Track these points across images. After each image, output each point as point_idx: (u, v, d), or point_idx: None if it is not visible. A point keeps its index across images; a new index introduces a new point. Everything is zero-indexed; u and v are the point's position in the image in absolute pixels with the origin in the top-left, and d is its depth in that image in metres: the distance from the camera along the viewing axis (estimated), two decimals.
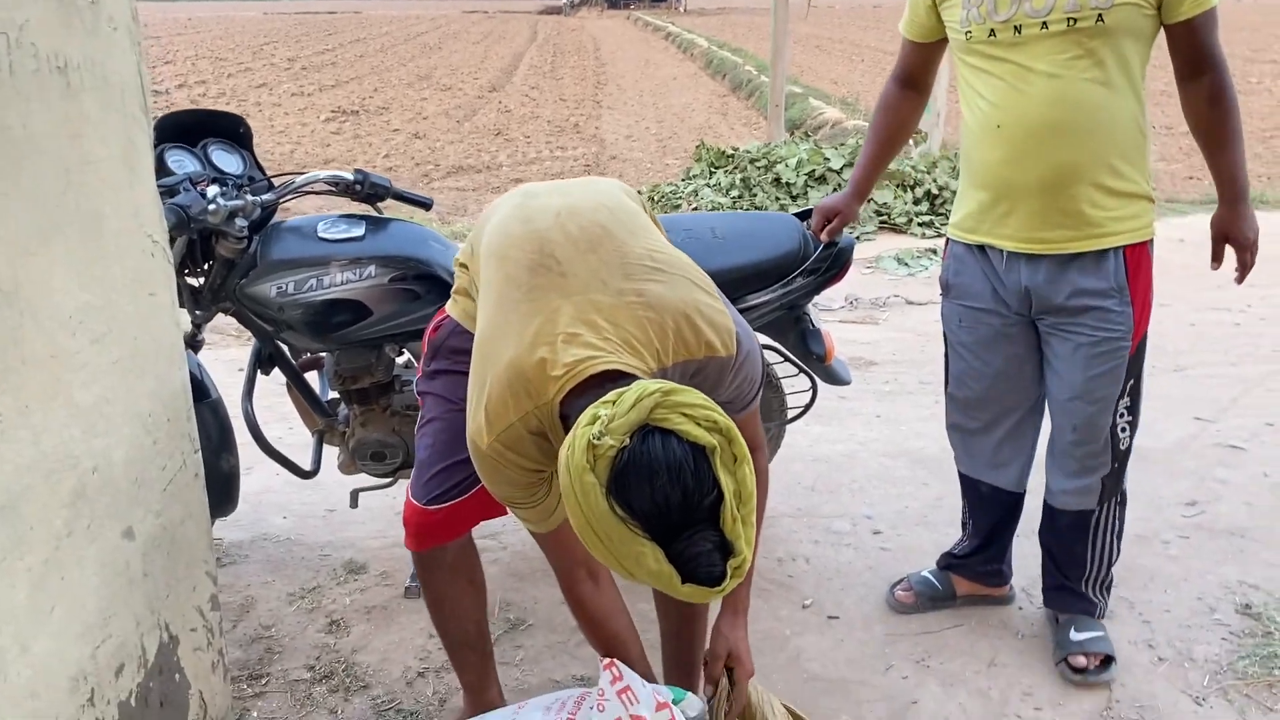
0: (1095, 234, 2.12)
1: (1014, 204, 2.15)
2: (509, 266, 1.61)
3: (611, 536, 1.29)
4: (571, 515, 1.34)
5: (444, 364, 1.89)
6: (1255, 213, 2.23)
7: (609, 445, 1.27)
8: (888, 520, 3.14)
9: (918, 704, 2.30)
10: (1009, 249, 2.20)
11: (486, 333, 1.59)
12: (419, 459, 1.92)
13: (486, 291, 1.64)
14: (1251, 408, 4.00)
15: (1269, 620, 2.54)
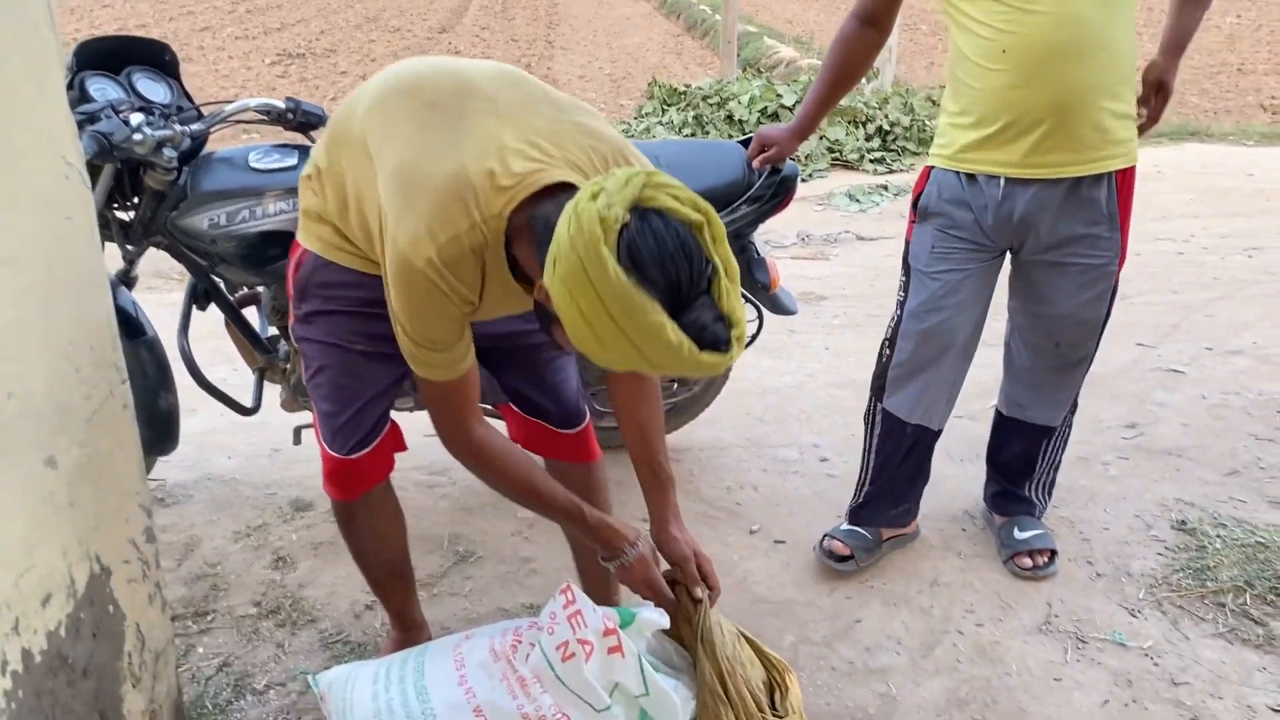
0: (1095, 157, 2.13)
1: (1021, 130, 2.12)
2: (427, 95, 1.51)
3: (629, 311, 1.24)
4: (582, 299, 1.26)
5: (316, 304, 1.75)
6: (1201, 146, 2.29)
7: (616, 218, 1.24)
8: (835, 448, 3.17)
9: (861, 622, 2.33)
10: (1010, 175, 2.17)
11: (408, 158, 1.47)
12: (322, 411, 1.83)
13: (394, 128, 1.51)
14: (1191, 333, 4.07)
15: (1203, 535, 2.60)
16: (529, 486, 1.70)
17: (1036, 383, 2.44)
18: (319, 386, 1.81)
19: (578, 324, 1.29)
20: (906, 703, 2.08)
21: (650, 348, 1.26)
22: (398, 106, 1.53)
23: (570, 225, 1.26)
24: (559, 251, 1.27)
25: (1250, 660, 2.18)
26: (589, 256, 1.24)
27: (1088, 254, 2.22)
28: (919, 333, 2.37)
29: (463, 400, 1.62)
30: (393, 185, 1.47)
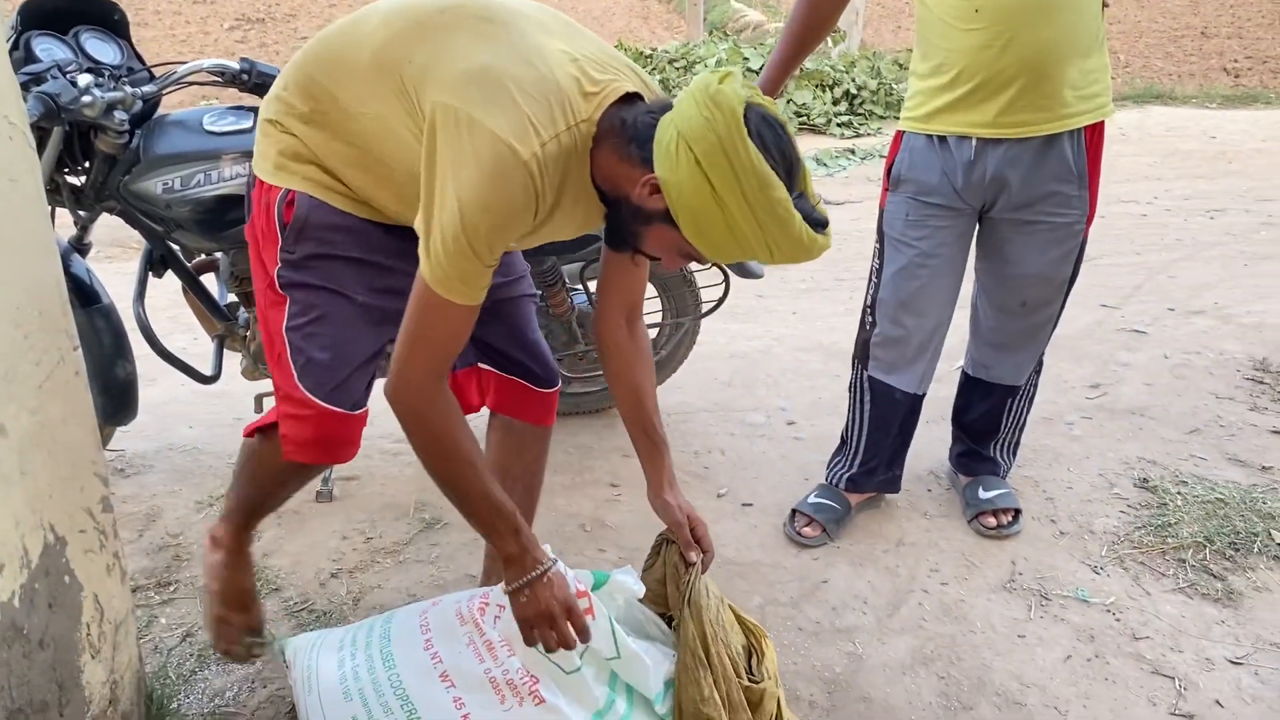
0: (1066, 114, 2.13)
1: (993, 89, 2.11)
2: (472, 10, 1.48)
3: (765, 187, 1.32)
4: (718, 177, 1.32)
5: (315, 247, 1.61)
6: (1164, 109, 2.28)
7: (745, 103, 1.33)
8: (801, 411, 3.18)
9: (828, 583, 2.35)
10: (982, 135, 2.17)
11: (484, 61, 1.41)
12: (320, 360, 1.64)
13: (448, 43, 1.45)
14: (1154, 294, 4.11)
15: (1164, 493, 2.64)
16: (471, 464, 1.53)
17: (1002, 343, 2.45)
18: (316, 336, 1.63)
19: (708, 206, 1.35)
20: (872, 661, 2.10)
21: (773, 226, 1.34)
22: (444, 23, 1.47)
23: (704, 109, 1.32)
24: (692, 134, 1.32)
25: (1209, 614, 2.21)
26: (729, 136, 1.31)
27: (1056, 212, 2.22)
28: (898, 301, 2.37)
29: (453, 336, 1.49)
30: (475, 84, 1.39)
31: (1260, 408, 3.11)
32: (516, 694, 1.63)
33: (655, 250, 1.50)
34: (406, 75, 1.46)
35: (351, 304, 1.65)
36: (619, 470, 2.81)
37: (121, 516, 2.55)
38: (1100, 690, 2.01)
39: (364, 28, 1.53)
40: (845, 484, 2.57)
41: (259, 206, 1.64)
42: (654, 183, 1.39)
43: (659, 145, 1.38)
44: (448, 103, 1.38)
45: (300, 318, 1.63)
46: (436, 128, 1.39)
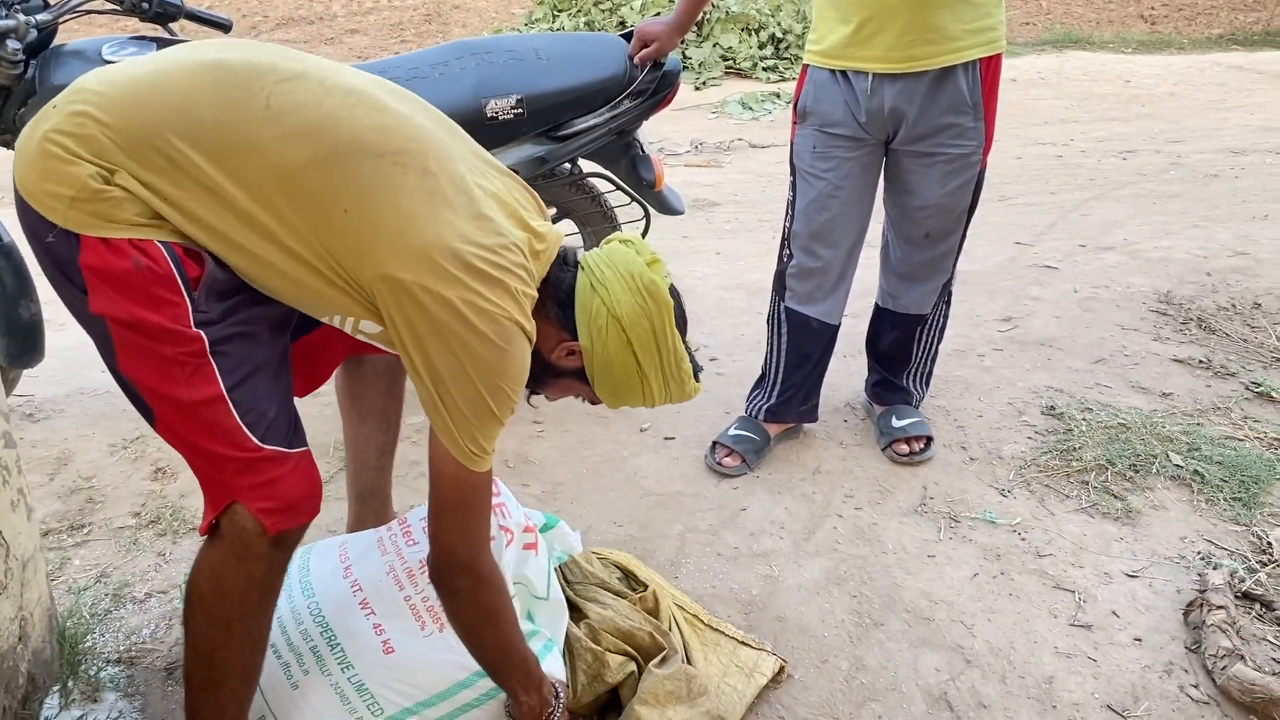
0: (956, 48, 2.17)
1: (882, 23, 2.15)
2: (414, 160, 1.35)
3: (681, 364, 1.57)
4: (645, 358, 1.52)
5: (226, 302, 1.38)
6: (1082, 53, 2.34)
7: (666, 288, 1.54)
8: (724, 348, 3.21)
9: (746, 510, 2.39)
10: (876, 70, 2.21)
11: (452, 234, 1.33)
12: (270, 411, 1.41)
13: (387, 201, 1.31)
14: (1066, 231, 4.21)
15: (1070, 419, 2.73)
16: (514, 627, 1.53)
17: (908, 273, 2.50)
18: (258, 388, 1.40)
19: (630, 377, 1.53)
20: (788, 582, 2.15)
21: (675, 387, 1.58)
22: (385, 175, 1.33)
23: (638, 297, 1.50)
24: (626, 319, 1.49)
25: (1109, 531, 2.31)
26: (661, 327, 1.51)
27: (953, 144, 2.27)
28: (810, 233, 2.42)
29: (489, 500, 1.47)
30: (458, 267, 1.32)
31: (1163, 338, 3.23)
32: (436, 619, 1.65)
33: (552, 394, 1.65)
34: (335, 222, 1.32)
35: (266, 347, 1.45)
36: (542, 407, 2.82)
37: (31, 461, 2.50)
38: (1005, 605, 2.09)
39: (268, 124, 1.32)
40: (764, 415, 2.61)
41: (110, 271, 1.30)
42: (574, 348, 1.53)
43: (585, 317, 1.50)
44: (436, 288, 1.30)
45: (235, 374, 1.37)
46: (419, 309, 1.31)
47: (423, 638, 1.64)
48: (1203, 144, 5.67)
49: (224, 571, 1.42)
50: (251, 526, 1.39)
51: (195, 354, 1.33)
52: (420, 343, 1.33)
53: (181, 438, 1.39)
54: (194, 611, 1.45)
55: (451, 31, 10.03)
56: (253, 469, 1.38)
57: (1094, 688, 1.89)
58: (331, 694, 1.58)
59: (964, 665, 1.94)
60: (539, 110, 2.42)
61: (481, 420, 1.37)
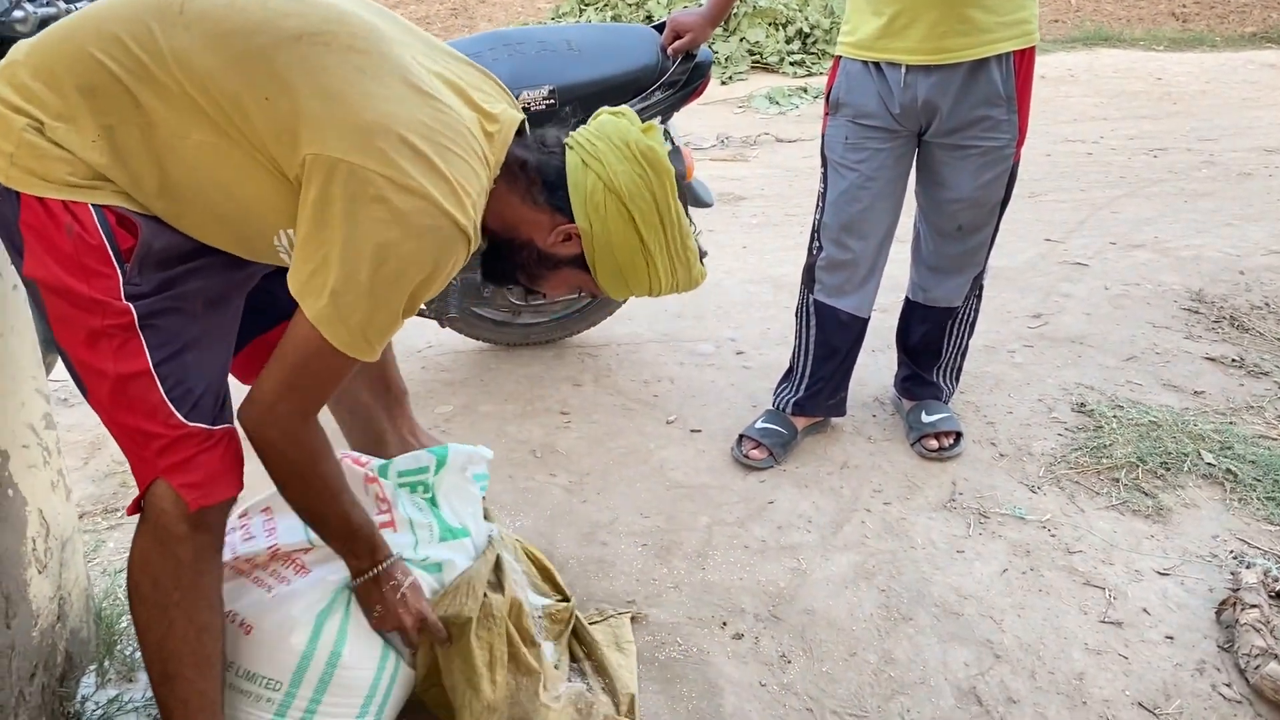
0: (989, 40, 2.17)
1: (914, 15, 2.16)
2: (338, 39, 1.29)
3: (686, 238, 1.46)
4: (648, 232, 1.42)
5: (162, 273, 1.34)
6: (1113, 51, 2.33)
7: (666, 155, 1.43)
8: (750, 341, 3.21)
9: (774, 504, 2.39)
10: (909, 62, 2.21)
11: (385, 111, 1.26)
12: (197, 389, 1.38)
13: (326, 82, 1.26)
14: (1097, 229, 4.18)
15: (1100, 416, 2.71)
16: (334, 490, 1.46)
17: (939, 266, 2.50)
18: (187, 364, 1.37)
19: (633, 256, 1.43)
20: (816, 575, 2.15)
21: (681, 268, 1.48)
22: (305, 55, 1.27)
23: (635, 166, 1.40)
24: (626, 191, 1.39)
25: (1140, 529, 2.29)
26: (664, 197, 1.41)
27: (986, 136, 2.27)
28: (840, 224, 2.42)
29: (337, 384, 1.39)
30: (385, 139, 1.25)
31: (1195, 335, 3.20)
32: (278, 577, 1.62)
33: (552, 289, 1.54)
34: (260, 114, 1.27)
35: (201, 323, 1.42)
36: (568, 399, 2.83)
37: (67, 445, 2.52)
38: (1034, 600, 2.08)
39: (184, 29, 1.28)
40: (792, 408, 2.61)
41: (46, 234, 1.28)
42: (571, 232, 1.43)
43: (579, 195, 1.40)
44: (359, 163, 1.24)
45: (165, 349, 1.34)
46: (340, 186, 1.24)
47: (270, 599, 1.58)
48: (1236, 142, 5.60)
49: (151, 556, 1.41)
50: (170, 506, 1.36)
51: (123, 327, 1.30)
52: (327, 219, 1.25)
53: (108, 411, 1.36)
54: (135, 602, 1.44)
55: (478, 26, 10.04)
56: (175, 445, 1.35)
57: (1124, 685, 1.88)
58: (234, 694, 1.54)
59: (993, 660, 1.93)
60: (571, 101, 2.42)
61: (375, 311, 1.28)
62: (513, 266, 1.51)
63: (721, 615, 2.04)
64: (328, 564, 1.59)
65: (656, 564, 2.18)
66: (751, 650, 1.95)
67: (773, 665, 1.92)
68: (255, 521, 1.69)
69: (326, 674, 1.54)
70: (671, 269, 1.47)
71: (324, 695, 1.55)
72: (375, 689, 1.59)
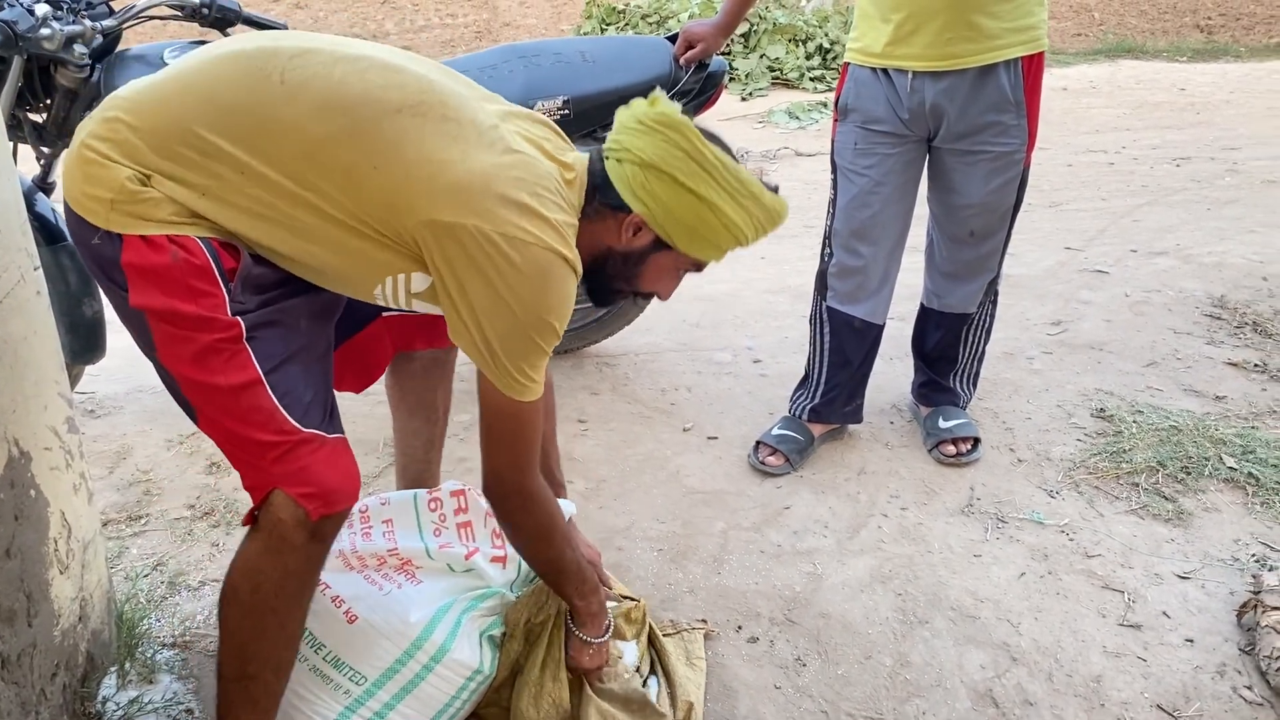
0: (996, 45, 2.18)
1: (920, 21, 2.17)
2: (431, 109, 1.38)
3: (739, 177, 1.46)
4: (701, 186, 1.43)
5: (261, 295, 1.42)
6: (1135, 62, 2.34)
7: None
8: (768, 350, 3.21)
9: (790, 509, 2.39)
10: (916, 68, 2.22)
11: (476, 169, 1.35)
12: (305, 395, 1.43)
13: (418, 149, 1.35)
14: (1118, 237, 4.16)
15: (1120, 421, 2.69)
16: (567, 540, 1.60)
17: (953, 272, 2.50)
18: (293, 373, 1.43)
19: (699, 212, 1.45)
20: (832, 580, 2.15)
21: (752, 204, 1.47)
22: (411, 129, 1.36)
23: (657, 134, 1.44)
24: (660, 159, 1.43)
25: (1159, 533, 2.28)
26: (693, 147, 1.43)
27: (996, 141, 2.27)
28: (850, 230, 2.42)
29: (540, 426, 1.50)
30: (488, 197, 1.34)
31: (1216, 341, 3.17)
32: (391, 579, 1.68)
33: (654, 283, 1.58)
34: (368, 183, 1.34)
35: (303, 336, 1.49)
36: (585, 407, 2.85)
37: (93, 454, 2.56)
38: (1052, 604, 2.07)
39: (287, 102, 1.35)
40: (808, 415, 2.61)
41: (149, 266, 1.34)
42: (636, 222, 1.49)
43: (624, 186, 1.47)
44: (472, 223, 1.32)
45: (271, 359, 1.40)
46: (459, 246, 1.33)
47: (382, 596, 1.63)
48: (1260, 151, 5.57)
49: (260, 564, 1.43)
50: (289, 516, 1.39)
51: (232, 340, 1.36)
52: (460, 281, 1.35)
53: (221, 427, 1.41)
54: (229, 603, 1.46)
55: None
56: (292, 454, 1.39)
57: (1143, 687, 1.86)
58: (313, 677, 1.58)
59: (1010, 663, 1.92)
60: (585, 111, 2.45)
61: (524, 352, 1.39)
62: (610, 279, 1.58)
63: (737, 619, 2.04)
64: (441, 579, 1.67)
65: (672, 569, 2.18)
66: (766, 653, 1.95)
67: (788, 668, 1.92)
68: (376, 527, 1.76)
69: (415, 680, 1.59)
70: (741, 209, 1.47)
71: (400, 702, 1.60)
72: (452, 703, 1.63)
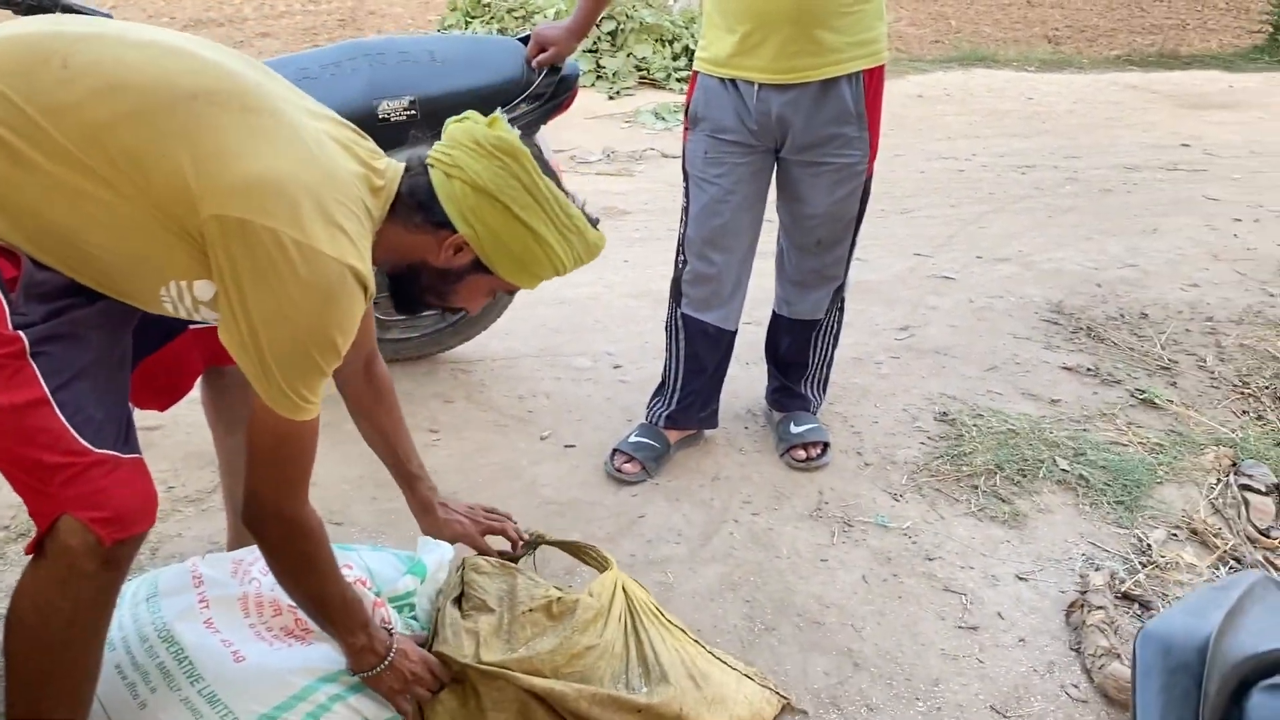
0: (838, 59, 2.21)
1: (765, 34, 2.19)
2: (232, 99, 1.31)
3: (566, 209, 1.47)
4: (529, 215, 1.43)
5: (47, 304, 1.32)
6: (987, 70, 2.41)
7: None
8: (629, 356, 3.21)
9: (645, 518, 2.39)
10: (762, 80, 2.24)
11: (274, 166, 1.28)
12: (96, 416, 1.34)
13: (218, 139, 1.27)
14: (965, 243, 4.31)
15: (962, 425, 2.78)
16: (332, 574, 1.49)
17: (801, 280, 2.54)
18: (83, 390, 1.33)
19: (524, 243, 1.45)
20: (683, 588, 2.15)
21: (575, 238, 1.49)
22: (200, 112, 1.28)
23: (493, 159, 1.42)
24: (493, 185, 1.41)
25: (997, 535, 2.36)
26: (528, 178, 1.43)
27: (839, 153, 2.32)
28: (702, 238, 2.43)
29: (312, 448, 1.41)
30: (282, 199, 1.27)
31: (1053, 346, 3.32)
32: (283, 640, 1.63)
33: (466, 300, 1.58)
34: (157, 171, 1.27)
35: (94, 349, 1.38)
36: (438, 415, 2.79)
37: None
38: (894, 607, 2.12)
39: (68, 85, 1.26)
40: (664, 422, 2.61)
41: None
42: (458, 243, 1.47)
43: (453, 206, 1.44)
44: (261, 223, 1.25)
45: (59, 375, 1.30)
46: (245, 247, 1.26)
47: (270, 649, 1.60)
48: (1098, 160, 5.85)
49: (50, 595, 1.33)
50: (79, 543, 1.30)
51: (13, 355, 1.27)
52: (240, 285, 1.27)
53: (5, 449, 1.30)
54: (16, 638, 1.37)
55: (365, 35, 9.89)
56: (83, 476, 1.30)
57: (979, 689, 1.92)
58: (183, 709, 1.52)
59: (852, 669, 1.96)
60: (433, 112, 2.39)
61: (302, 370, 1.32)
62: (419, 291, 1.55)
63: None
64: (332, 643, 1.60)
65: None
66: None
67: None
68: (258, 566, 1.68)
69: None
70: (565, 242, 1.49)
71: None
72: None
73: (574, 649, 1.64)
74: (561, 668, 1.62)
